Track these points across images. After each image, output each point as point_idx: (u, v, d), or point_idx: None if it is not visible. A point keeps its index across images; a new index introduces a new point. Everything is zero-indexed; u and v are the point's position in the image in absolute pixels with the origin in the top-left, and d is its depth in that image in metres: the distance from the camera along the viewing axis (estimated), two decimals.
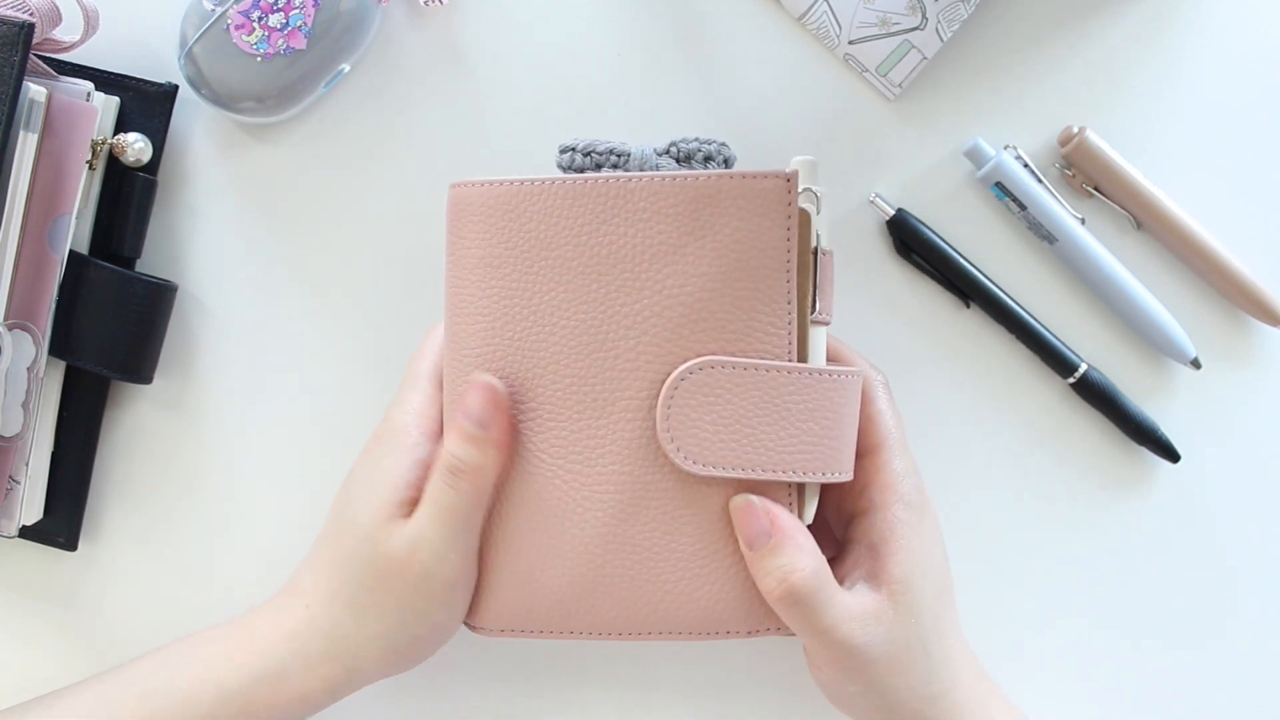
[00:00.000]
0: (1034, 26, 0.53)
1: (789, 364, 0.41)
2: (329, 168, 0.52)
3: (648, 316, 0.41)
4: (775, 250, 0.41)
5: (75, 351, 0.49)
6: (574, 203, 0.41)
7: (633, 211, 0.41)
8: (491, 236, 0.42)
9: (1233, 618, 0.54)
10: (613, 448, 0.41)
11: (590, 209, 0.41)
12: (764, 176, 0.40)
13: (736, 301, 0.41)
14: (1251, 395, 0.54)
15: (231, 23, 0.48)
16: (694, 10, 0.52)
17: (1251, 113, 0.53)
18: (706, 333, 0.41)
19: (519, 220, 0.41)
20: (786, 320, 0.41)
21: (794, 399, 0.41)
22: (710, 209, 0.40)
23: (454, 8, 0.52)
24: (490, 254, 0.42)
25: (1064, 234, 0.51)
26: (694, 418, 0.40)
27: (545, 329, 0.41)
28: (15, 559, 0.53)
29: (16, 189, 0.46)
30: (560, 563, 0.42)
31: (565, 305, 0.41)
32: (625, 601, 0.42)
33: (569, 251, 0.41)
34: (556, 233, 0.41)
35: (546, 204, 0.41)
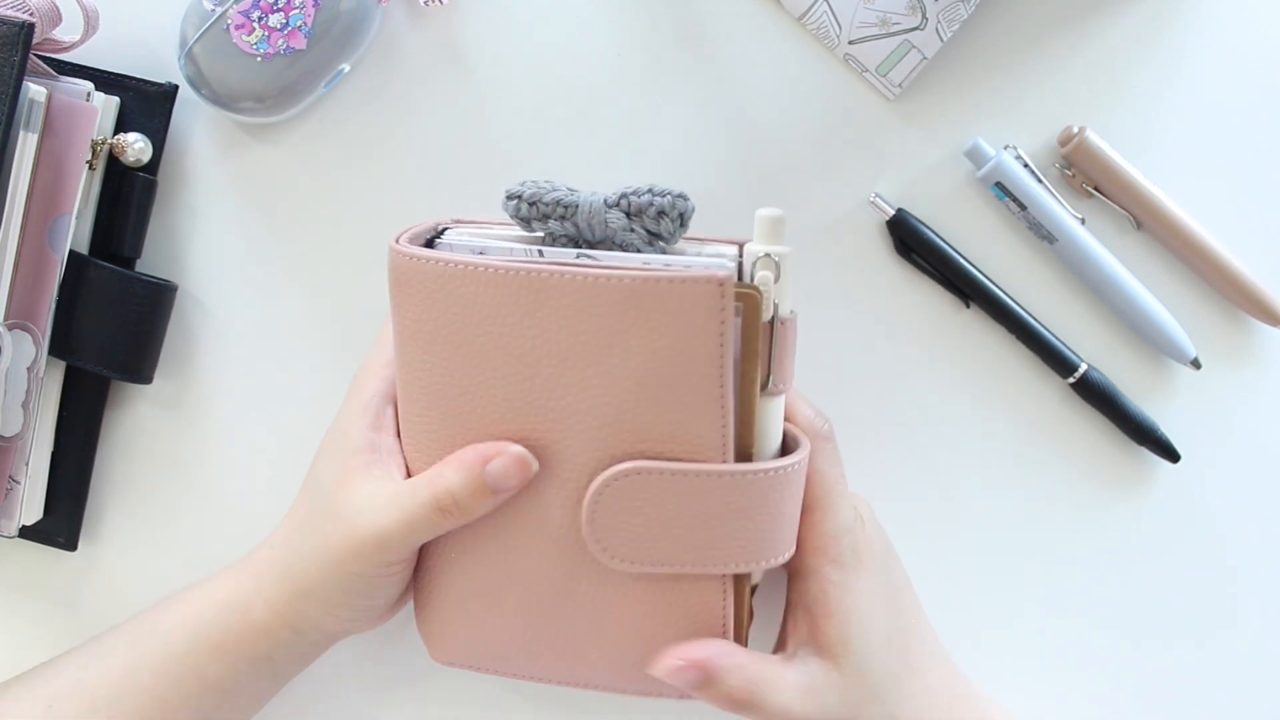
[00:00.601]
0: (1034, 26, 0.53)
1: (721, 467, 0.39)
2: (329, 168, 0.52)
3: (573, 415, 0.39)
4: (706, 355, 0.38)
5: (75, 351, 0.49)
6: (497, 292, 0.38)
7: (556, 309, 0.38)
8: (421, 312, 0.40)
9: (1233, 617, 0.54)
10: (546, 529, 0.41)
11: (513, 301, 0.38)
12: (694, 281, 0.37)
13: (665, 405, 0.38)
14: (1251, 395, 0.54)
15: (231, 23, 0.48)
16: (694, 10, 0.52)
17: (1251, 113, 0.53)
18: (634, 433, 0.39)
19: (445, 301, 0.39)
20: (719, 422, 0.38)
21: (728, 500, 0.39)
22: (636, 311, 0.37)
23: (454, 8, 0.52)
24: (420, 329, 0.40)
25: (1064, 234, 0.51)
26: (620, 520, 0.39)
27: (475, 412, 0.40)
28: (15, 559, 0.53)
29: (16, 189, 0.46)
30: (502, 616, 0.42)
31: (491, 393, 0.39)
32: (562, 657, 0.43)
33: (493, 341, 0.39)
34: (480, 320, 0.39)
35: (470, 290, 0.39)
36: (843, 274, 0.52)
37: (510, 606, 0.42)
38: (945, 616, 0.49)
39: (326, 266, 0.52)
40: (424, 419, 0.41)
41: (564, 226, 0.41)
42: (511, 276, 0.38)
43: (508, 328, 0.39)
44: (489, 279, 0.38)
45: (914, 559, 0.48)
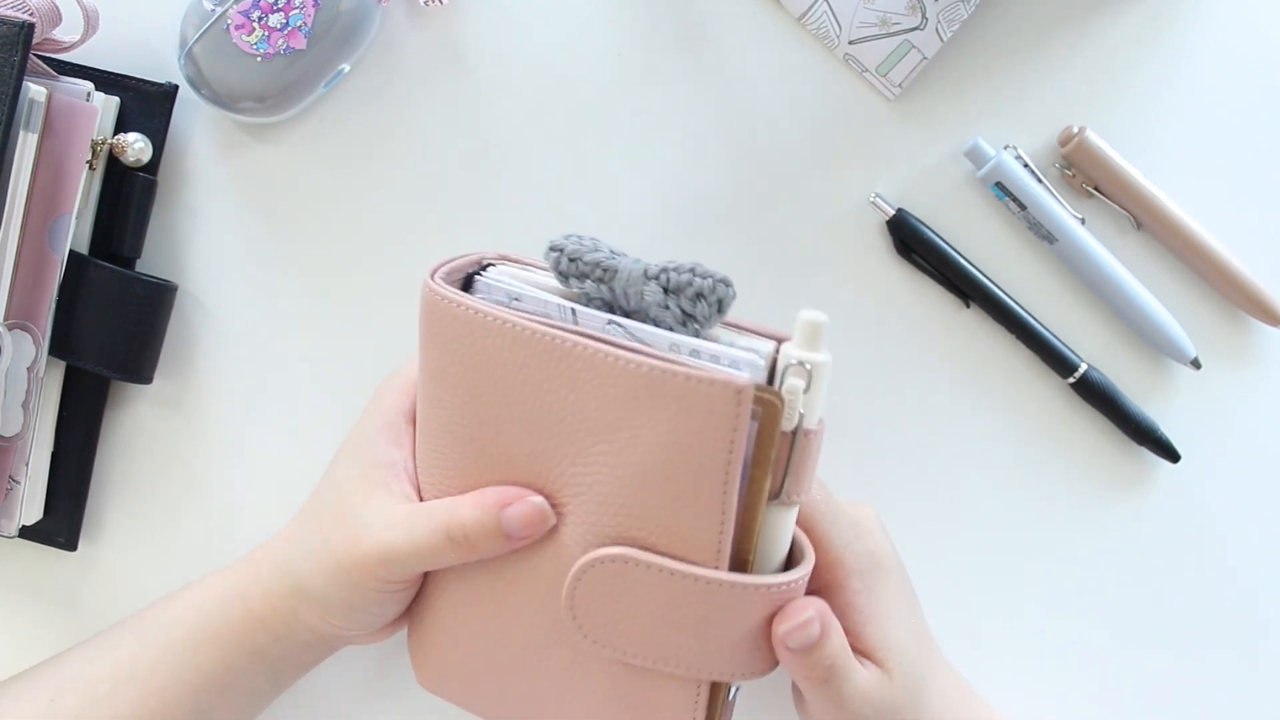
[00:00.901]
0: (1034, 26, 0.53)
1: (710, 573, 0.37)
2: (329, 168, 0.52)
3: (577, 485, 0.39)
4: (713, 458, 0.36)
5: (75, 351, 0.49)
6: (523, 350, 0.38)
7: (575, 378, 0.38)
8: (448, 352, 0.40)
9: (1233, 617, 0.54)
10: (536, 588, 0.40)
11: (537, 361, 0.38)
12: (710, 384, 0.35)
13: (665, 498, 0.37)
14: (1251, 395, 0.54)
15: (231, 23, 0.48)
16: (694, 10, 0.52)
17: (1251, 113, 0.53)
18: (631, 519, 0.38)
19: (472, 348, 0.39)
20: (717, 527, 0.37)
21: (712, 606, 0.38)
22: (650, 401, 0.36)
23: (454, 8, 0.52)
24: (445, 369, 0.40)
25: (1064, 234, 0.51)
26: (601, 603, 0.39)
27: (489, 457, 0.40)
28: (15, 559, 0.53)
29: (16, 189, 0.46)
30: (485, 659, 0.43)
31: (505, 444, 0.40)
32: (535, 713, 0.43)
33: (514, 395, 0.39)
34: (504, 373, 0.39)
35: (497, 342, 0.39)
36: (843, 274, 0.52)
37: (493, 652, 0.42)
38: (945, 616, 0.49)
39: (326, 266, 0.52)
40: (439, 453, 0.42)
41: (600, 289, 0.40)
42: (537, 339, 0.38)
43: (529, 386, 0.39)
44: (516, 336, 0.38)
45: (914, 559, 0.48)
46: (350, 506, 0.42)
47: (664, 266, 0.39)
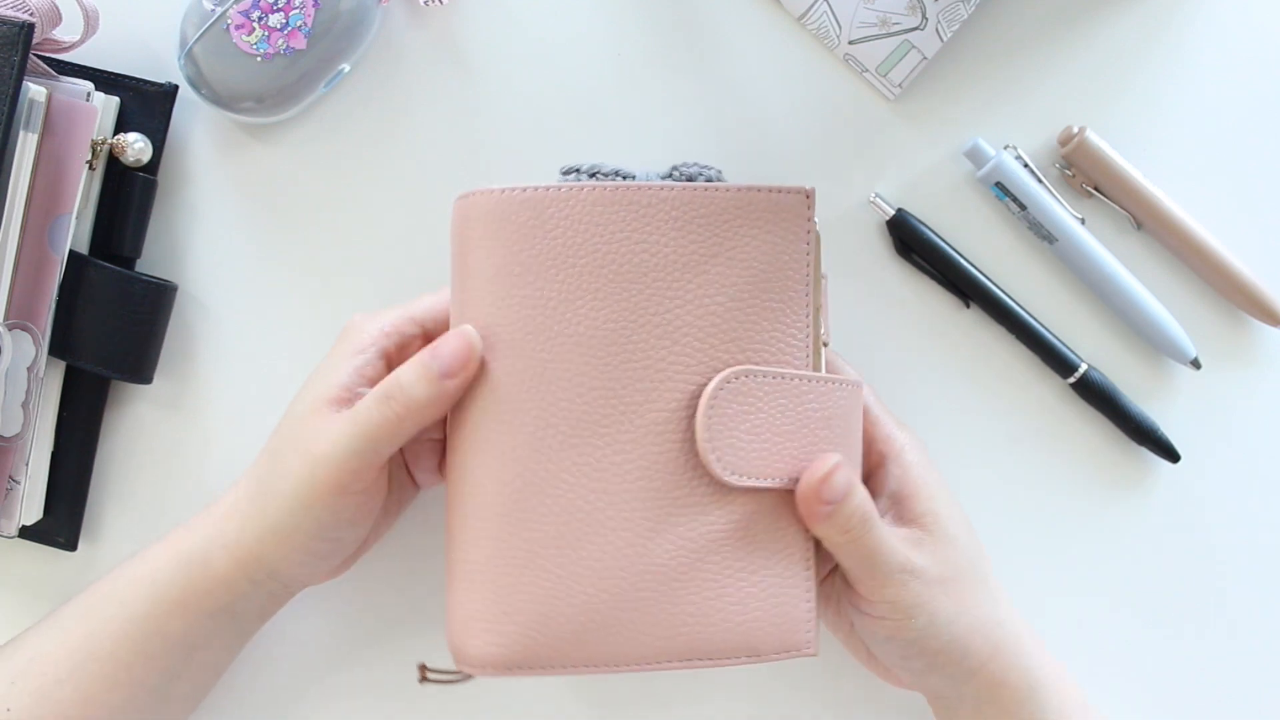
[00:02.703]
0: (1034, 26, 0.53)
1: (811, 374, 0.41)
2: (329, 168, 0.52)
3: (678, 326, 0.40)
4: (798, 265, 0.41)
5: (75, 351, 0.49)
6: (603, 210, 0.40)
7: (664, 221, 0.40)
8: (512, 244, 0.40)
9: (1232, 617, 0.54)
10: (640, 463, 0.40)
11: (620, 216, 0.40)
12: (786, 191, 0.41)
13: (762, 314, 0.41)
14: (1251, 395, 0.54)
15: (231, 23, 0.48)
16: (694, 10, 0.52)
17: (1251, 112, 0.53)
18: (735, 343, 0.41)
19: (543, 227, 0.40)
20: (806, 333, 0.42)
21: (815, 407, 0.41)
22: (737, 221, 0.41)
23: (454, 8, 0.52)
24: (510, 262, 0.40)
25: (1064, 234, 0.51)
26: (731, 427, 0.40)
27: (571, 339, 0.40)
28: (15, 559, 0.53)
29: (16, 189, 0.46)
30: (578, 588, 0.39)
31: (592, 315, 0.40)
32: (648, 628, 0.40)
33: (597, 259, 0.40)
34: (584, 240, 0.40)
35: (573, 210, 0.40)
36: (843, 274, 0.52)
37: (589, 574, 0.39)
38: None
39: (327, 266, 0.52)
40: (510, 360, 0.40)
41: None
42: (620, 193, 0.40)
43: (614, 245, 0.40)
44: (595, 197, 0.40)
45: None
46: (305, 432, 0.42)
47: (673, 165, 0.43)
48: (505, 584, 0.40)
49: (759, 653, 0.41)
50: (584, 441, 0.40)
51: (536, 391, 0.40)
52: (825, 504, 0.40)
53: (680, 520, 0.40)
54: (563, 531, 0.40)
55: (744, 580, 0.41)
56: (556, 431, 0.40)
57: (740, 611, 0.40)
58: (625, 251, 0.40)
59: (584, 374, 0.40)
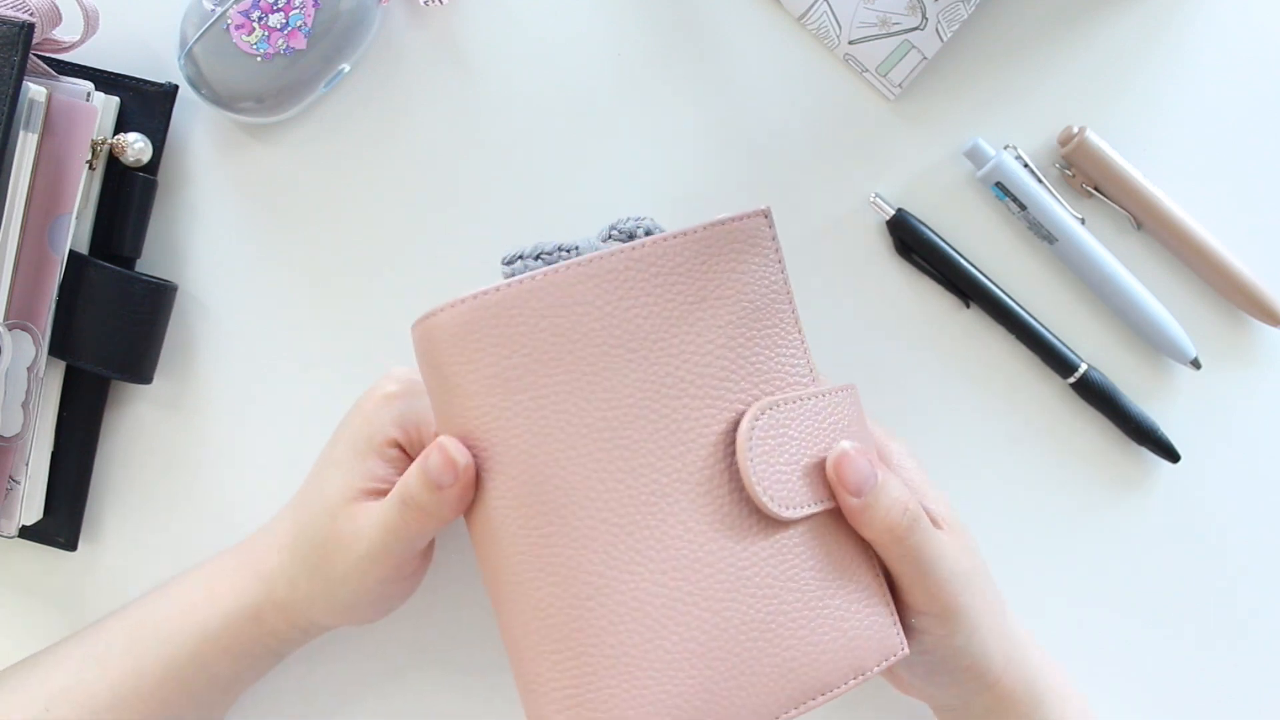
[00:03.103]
0: (1034, 26, 0.53)
1: (818, 389, 0.41)
2: (329, 168, 0.52)
3: (689, 380, 0.39)
4: (776, 285, 0.41)
5: (75, 351, 0.49)
6: (586, 285, 0.38)
7: (640, 282, 0.39)
8: (498, 351, 0.38)
9: (1232, 617, 0.54)
10: (698, 529, 0.38)
11: (596, 291, 0.38)
12: (745, 217, 0.40)
13: (761, 343, 0.40)
14: (1251, 395, 0.54)
15: (231, 23, 0.48)
16: (694, 10, 0.52)
17: (1251, 112, 0.53)
18: (747, 379, 0.40)
19: (521, 327, 0.38)
20: (802, 349, 0.41)
21: (832, 419, 0.41)
22: (708, 261, 0.40)
23: (454, 8, 0.52)
24: (501, 371, 0.38)
25: (1064, 234, 0.51)
26: (771, 462, 0.39)
27: (584, 431, 0.38)
28: (15, 559, 0.53)
29: (16, 189, 0.46)
30: (680, 676, 0.37)
31: (600, 397, 0.38)
32: (759, 686, 0.38)
33: (587, 341, 0.38)
34: (573, 323, 0.38)
35: (554, 295, 0.38)
36: (843, 274, 0.52)
37: (682, 656, 0.38)
38: None
39: (326, 266, 0.52)
40: (521, 478, 0.38)
41: None
42: (598, 264, 0.39)
43: (599, 320, 0.39)
44: (575, 276, 0.38)
45: None
46: (341, 532, 0.43)
47: (611, 225, 0.41)
48: (605, 698, 0.37)
49: (864, 669, 0.40)
50: (637, 527, 0.38)
51: (570, 496, 0.38)
52: (856, 494, 0.40)
53: (753, 571, 0.39)
54: (643, 626, 0.37)
55: (828, 605, 0.40)
56: (606, 528, 0.38)
57: (836, 636, 0.39)
58: (612, 324, 0.39)
59: (607, 463, 0.38)
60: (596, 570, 0.37)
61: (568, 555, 0.38)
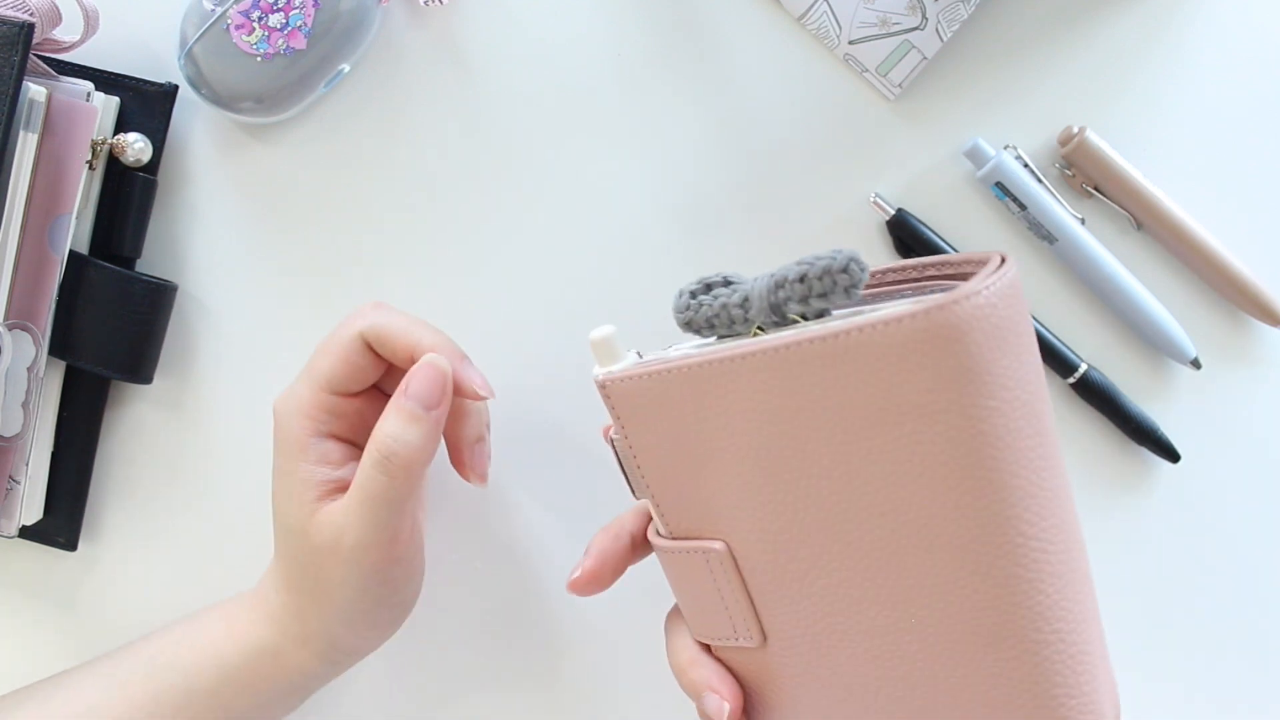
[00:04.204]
0: (1034, 26, 0.53)
1: None
2: (329, 168, 0.52)
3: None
4: None
5: (75, 351, 0.49)
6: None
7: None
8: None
9: (1232, 617, 0.54)
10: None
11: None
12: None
13: None
14: (1251, 395, 0.54)
15: (231, 23, 0.48)
16: (694, 10, 0.52)
17: (1252, 112, 0.53)
18: None
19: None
20: None
21: None
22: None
23: (454, 8, 0.52)
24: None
25: (1064, 234, 0.51)
26: None
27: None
28: (15, 559, 0.53)
29: (16, 189, 0.46)
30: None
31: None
32: None
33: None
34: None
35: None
36: None
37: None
38: None
39: (326, 266, 0.52)
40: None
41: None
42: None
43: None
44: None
45: None
46: (322, 534, 0.42)
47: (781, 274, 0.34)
48: None
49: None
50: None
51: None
52: None
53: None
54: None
55: None
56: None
57: None
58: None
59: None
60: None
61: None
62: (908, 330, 0.30)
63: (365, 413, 0.45)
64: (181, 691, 0.45)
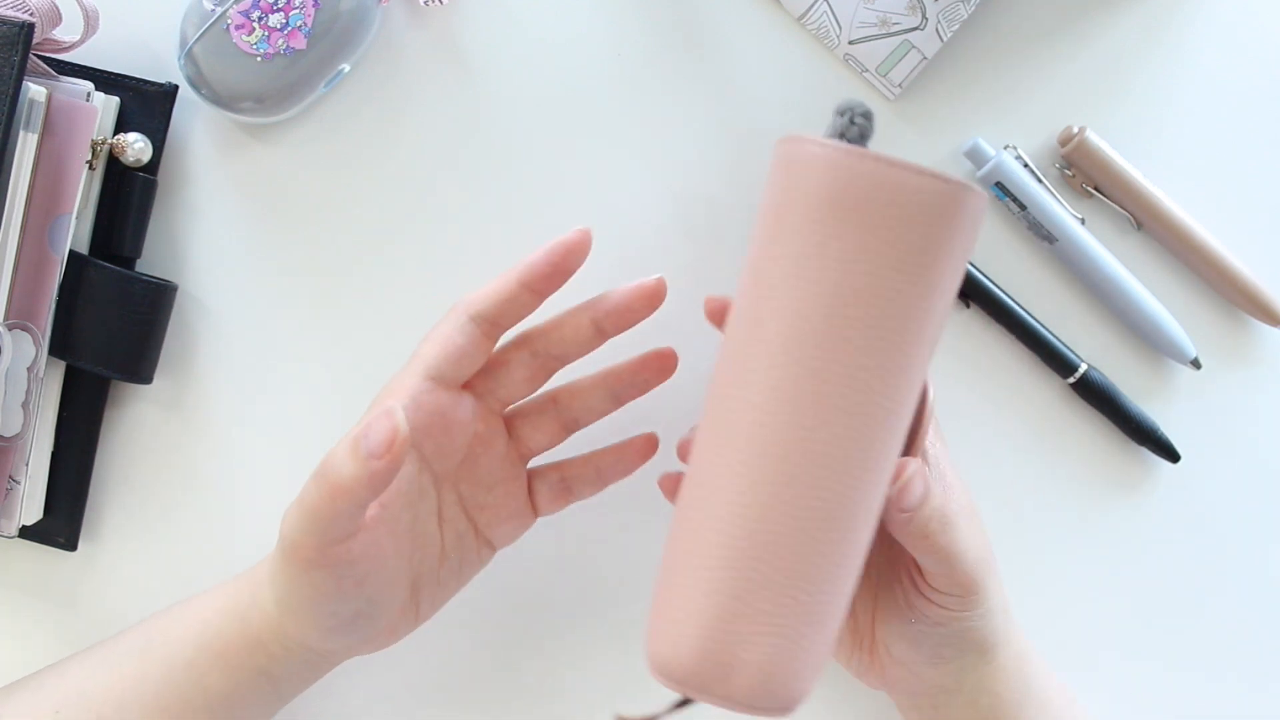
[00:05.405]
0: (1034, 26, 0.53)
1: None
2: (329, 168, 0.52)
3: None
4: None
5: (75, 351, 0.49)
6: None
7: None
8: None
9: (1232, 617, 0.54)
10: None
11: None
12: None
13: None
14: (1251, 395, 0.54)
15: (231, 23, 0.48)
16: (694, 10, 0.52)
17: (1252, 112, 0.53)
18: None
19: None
20: None
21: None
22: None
23: (454, 8, 0.52)
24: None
25: (1064, 234, 0.51)
26: None
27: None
28: (15, 559, 0.53)
29: (16, 189, 0.46)
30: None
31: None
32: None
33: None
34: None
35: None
36: None
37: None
38: None
39: (327, 266, 0.52)
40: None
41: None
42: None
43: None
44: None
45: None
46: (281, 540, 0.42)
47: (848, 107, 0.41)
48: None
49: None
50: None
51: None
52: (904, 512, 0.40)
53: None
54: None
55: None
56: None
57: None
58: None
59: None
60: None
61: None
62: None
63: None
64: (165, 665, 0.44)
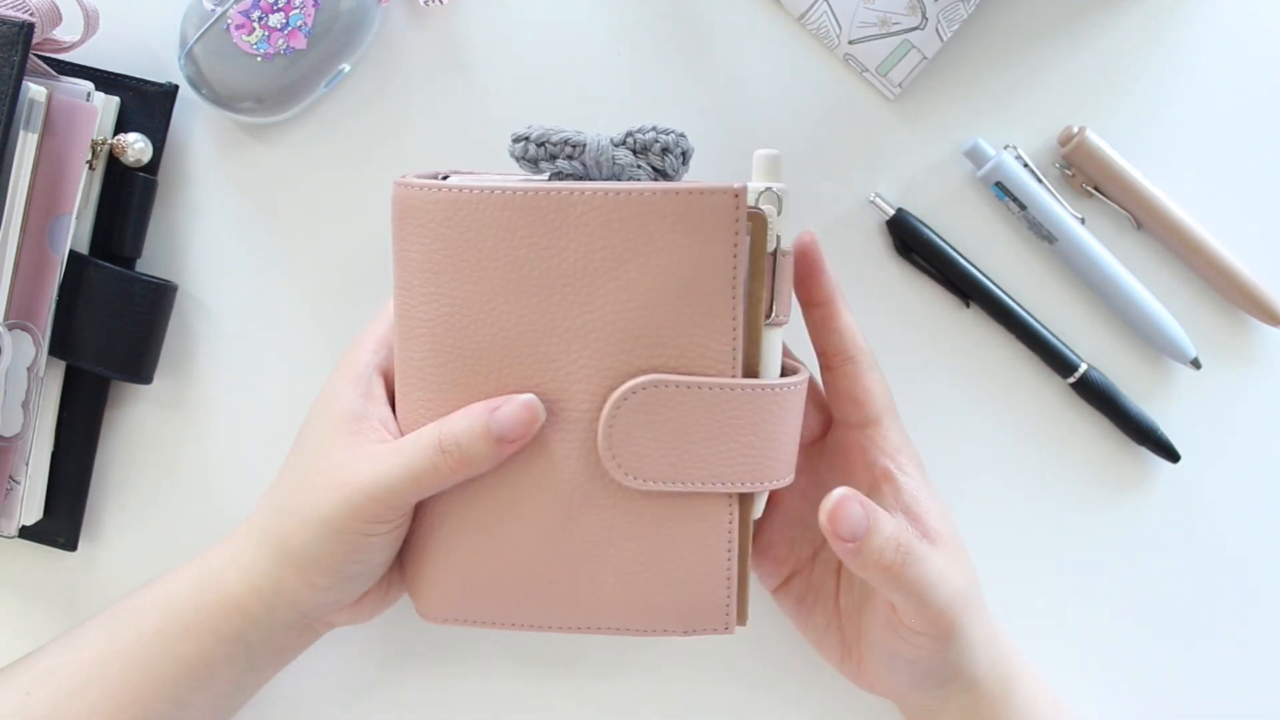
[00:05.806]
0: (1034, 26, 0.53)
1: (732, 380, 0.40)
2: (329, 168, 0.52)
3: (589, 331, 0.40)
4: (720, 268, 0.40)
5: (75, 351, 0.49)
6: (513, 215, 0.40)
7: (573, 226, 0.40)
8: (431, 242, 0.41)
9: (1233, 617, 0.54)
10: (553, 457, 0.41)
11: (530, 222, 0.40)
12: (710, 192, 0.39)
13: (680, 318, 0.40)
14: (1251, 395, 0.54)
15: (231, 23, 0.48)
16: (694, 10, 0.52)
17: (1252, 112, 0.53)
18: (650, 349, 0.40)
19: (458, 229, 0.40)
20: (731, 337, 0.40)
21: (735, 414, 0.41)
22: (653, 225, 0.39)
23: (454, 8, 0.52)
24: (431, 260, 0.41)
25: (1064, 234, 0.51)
26: (635, 435, 0.40)
27: (486, 338, 0.41)
28: (15, 559, 0.53)
29: (16, 189, 0.46)
30: (500, 559, 0.42)
31: (504, 317, 0.40)
32: (563, 598, 0.42)
33: (508, 263, 0.40)
34: (495, 244, 0.40)
35: (485, 215, 0.40)
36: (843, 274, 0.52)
37: (513, 546, 0.42)
38: None
39: (326, 266, 0.52)
40: (427, 360, 0.42)
41: (571, 165, 0.41)
42: (533, 198, 0.40)
43: (524, 249, 0.40)
44: (505, 203, 0.40)
45: None
46: (328, 459, 0.42)
47: (628, 131, 0.41)
48: (435, 553, 0.43)
49: (667, 630, 0.42)
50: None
51: (455, 381, 0.41)
52: (846, 541, 0.40)
53: (591, 511, 0.41)
54: (483, 511, 0.42)
55: (653, 568, 0.41)
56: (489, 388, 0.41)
57: (648, 594, 0.42)
58: (534, 257, 0.40)
59: (499, 371, 0.41)
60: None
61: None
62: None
63: None
64: (131, 638, 0.44)
